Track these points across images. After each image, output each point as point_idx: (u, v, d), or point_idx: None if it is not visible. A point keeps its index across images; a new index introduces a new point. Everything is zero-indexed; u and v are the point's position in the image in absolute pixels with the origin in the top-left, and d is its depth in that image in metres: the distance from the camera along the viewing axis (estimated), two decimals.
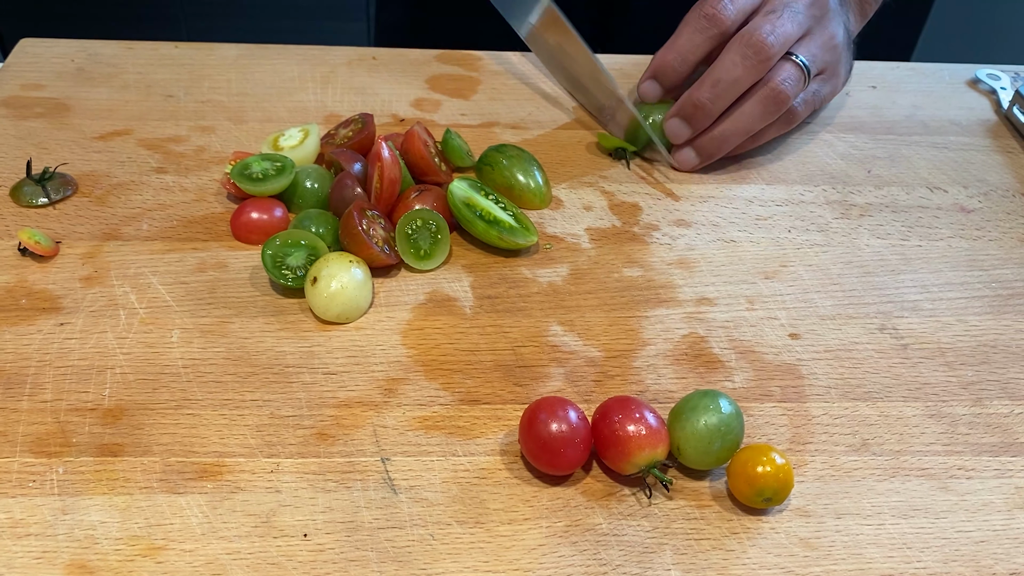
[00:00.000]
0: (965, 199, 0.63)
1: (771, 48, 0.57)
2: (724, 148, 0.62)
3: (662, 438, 0.42)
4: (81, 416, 0.44)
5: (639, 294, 0.54)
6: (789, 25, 0.58)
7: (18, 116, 0.64)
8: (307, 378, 0.47)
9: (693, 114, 0.60)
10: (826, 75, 0.63)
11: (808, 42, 0.60)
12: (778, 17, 0.59)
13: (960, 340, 0.52)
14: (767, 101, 0.59)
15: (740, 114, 0.60)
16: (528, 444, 0.43)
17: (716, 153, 0.62)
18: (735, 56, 0.58)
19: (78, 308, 0.50)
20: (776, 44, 0.58)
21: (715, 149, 0.62)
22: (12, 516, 0.40)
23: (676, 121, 0.61)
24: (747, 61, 0.58)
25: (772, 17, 0.59)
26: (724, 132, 0.61)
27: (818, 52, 0.61)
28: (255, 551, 0.39)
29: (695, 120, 0.60)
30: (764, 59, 0.58)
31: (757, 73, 0.58)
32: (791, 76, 0.59)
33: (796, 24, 0.59)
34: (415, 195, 0.55)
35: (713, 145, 0.61)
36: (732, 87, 0.59)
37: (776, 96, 0.59)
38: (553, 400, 0.43)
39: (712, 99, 0.59)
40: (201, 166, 0.61)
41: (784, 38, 0.58)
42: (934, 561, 0.41)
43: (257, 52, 0.72)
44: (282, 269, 0.51)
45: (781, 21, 0.58)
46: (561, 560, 0.40)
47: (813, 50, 0.60)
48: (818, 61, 0.61)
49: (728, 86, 0.58)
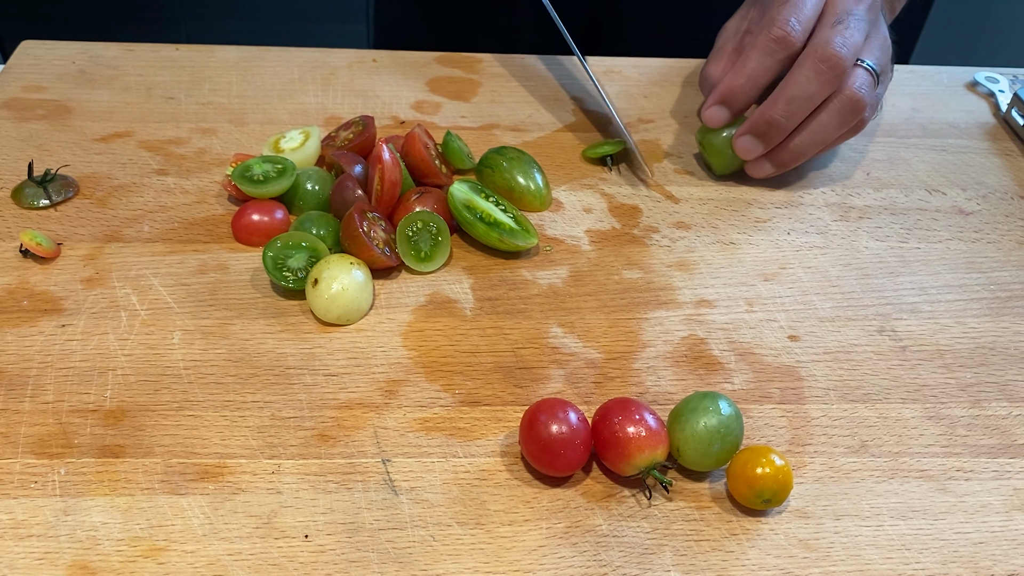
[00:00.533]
0: (964, 201, 0.63)
1: (845, 61, 0.57)
2: (801, 160, 0.61)
3: (662, 439, 0.43)
4: (83, 417, 0.44)
5: (639, 296, 0.54)
6: (857, 34, 0.58)
7: (19, 118, 0.64)
8: (308, 380, 0.47)
9: (767, 132, 0.59)
10: (884, 76, 0.63)
11: (871, 46, 0.60)
12: (846, 27, 0.58)
13: (958, 342, 0.52)
14: (843, 111, 0.58)
15: (817, 126, 0.59)
16: (528, 445, 0.43)
17: (793, 164, 0.61)
18: (809, 72, 0.57)
19: (79, 310, 0.50)
20: (848, 56, 0.57)
21: (792, 160, 0.61)
22: (14, 517, 0.40)
23: (748, 139, 0.60)
24: (821, 76, 0.57)
25: (840, 28, 0.58)
26: (801, 145, 0.60)
27: (879, 55, 0.60)
28: (256, 552, 0.40)
29: (769, 137, 0.60)
30: (839, 72, 0.57)
31: (832, 86, 0.57)
32: (865, 82, 0.58)
33: (861, 31, 0.58)
34: (415, 197, 0.56)
35: (790, 157, 0.61)
36: (807, 103, 0.58)
37: (854, 104, 0.58)
38: (553, 402, 0.44)
39: (787, 116, 0.58)
40: (202, 168, 0.61)
41: (854, 47, 0.58)
42: (932, 562, 0.41)
43: (258, 54, 0.73)
44: (283, 271, 0.51)
45: (849, 31, 0.57)
46: (561, 561, 0.40)
47: (876, 53, 0.60)
48: (881, 64, 0.60)
49: (803, 102, 0.58)
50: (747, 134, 0.60)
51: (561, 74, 0.73)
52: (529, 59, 0.74)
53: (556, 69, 0.74)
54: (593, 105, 0.70)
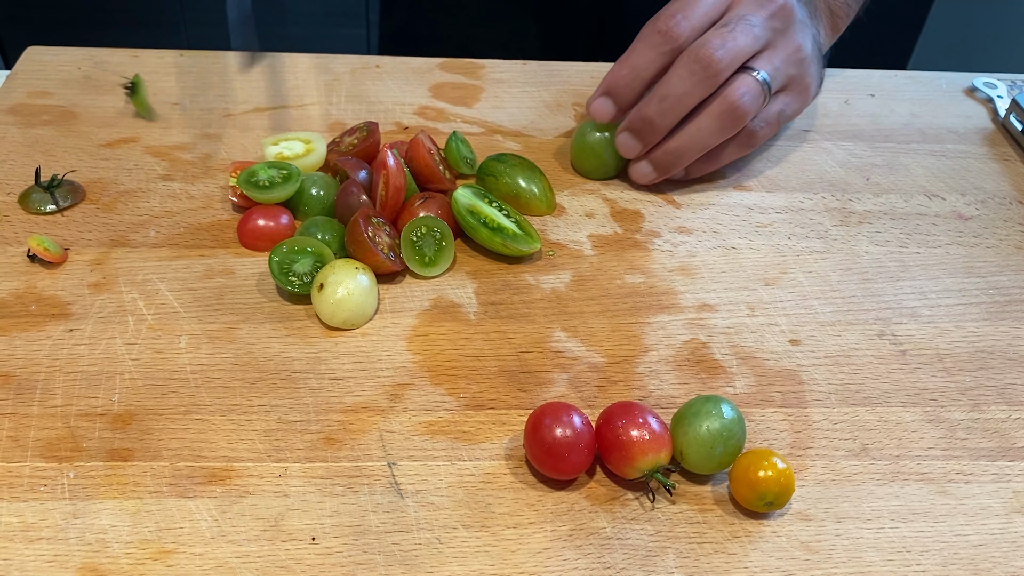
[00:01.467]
0: (963, 206, 0.64)
1: (719, 63, 0.56)
2: (680, 163, 0.60)
3: (665, 443, 0.43)
4: (91, 421, 0.45)
5: (641, 300, 0.54)
6: (742, 38, 0.56)
7: (26, 124, 0.65)
8: (314, 383, 0.48)
9: (642, 129, 0.59)
10: (792, 90, 0.61)
11: (770, 55, 0.58)
12: (730, 31, 0.57)
13: (958, 346, 0.53)
14: (723, 116, 0.57)
15: (695, 129, 0.58)
16: (533, 449, 0.43)
17: (672, 167, 0.60)
18: (682, 70, 0.56)
19: (87, 314, 0.50)
20: (725, 58, 0.56)
21: (670, 163, 0.60)
22: (24, 520, 0.41)
23: (626, 135, 0.60)
24: (694, 76, 0.56)
25: (724, 31, 0.57)
26: (679, 147, 0.59)
27: (780, 66, 0.59)
28: (264, 555, 0.40)
29: (644, 135, 0.59)
30: (712, 74, 0.56)
31: (706, 88, 0.57)
32: (749, 91, 0.57)
33: (752, 37, 0.57)
34: (419, 203, 0.56)
35: (668, 160, 0.60)
36: (679, 102, 0.57)
37: (732, 110, 0.57)
38: (557, 405, 0.44)
39: (660, 114, 0.58)
40: (207, 173, 0.61)
41: (735, 52, 0.56)
42: (933, 564, 0.42)
43: (262, 61, 0.73)
44: (289, 276, 0.52)
45: (733, 35, 0.56)
46: (566, 563, 0.41)
47: (775, 63, 0.58)
48: (780, 75, 0.59)
49: (675, 101, 0.57)
50: (625, 130, 0.60)
51: (564, 79, 0.74)
52: (531, 65, 0.75)
53: (559, 74, 0.74)
54: None
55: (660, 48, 0.57)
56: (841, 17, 0.69)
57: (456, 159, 0.61)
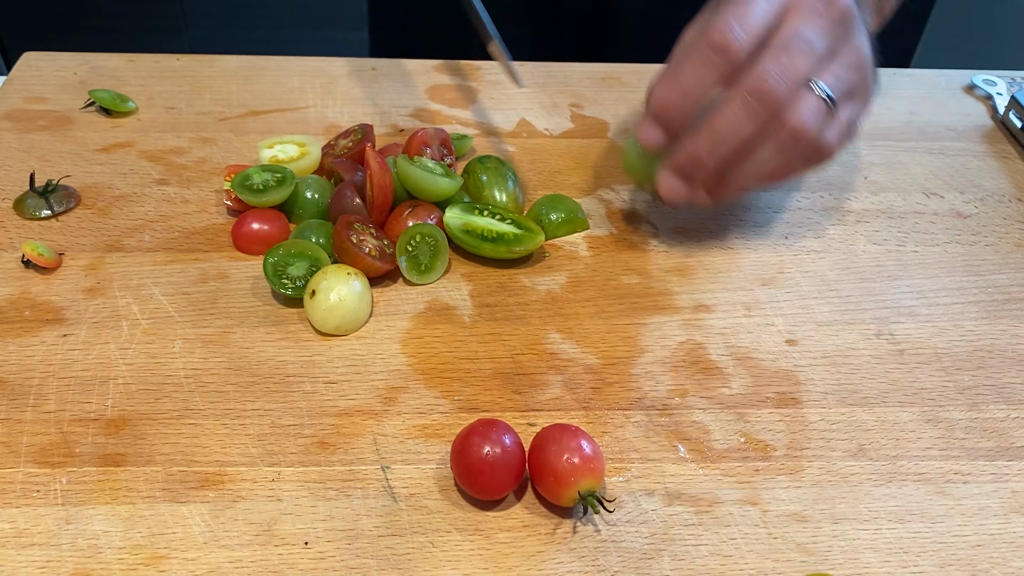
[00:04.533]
0: (961, 204, 0.64)
1: (779, 97, 0.49)
2: (738, 194, 0.55)
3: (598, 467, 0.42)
4: (84, 426, 0.45)
5: (637, 301, 0.54)
6: (802, 60, 0.50)
7: (21, 129, 0.65)
8: (308, 387, 0.48)
9: (691, 171, 0.52)
10: (857, 96, 0.54)
11: (833, 65, 0.51)
12: (788, 52, 0.50)
13: (956, 345, 0.52)
14: (785, 146, 0.51)
15: (755, 162, 0.51)
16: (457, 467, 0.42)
17: (728, 198, 0.55)
18: (737, 107, 0.50)
19: (81, 319, 0.50)
20: (786, 90, 0.49)
21: (730, 195, 0.55)
22: (16, 526, 0.41)
23: (671, 178, 0.53)
24: (751, 111, 0.49)
25: (780, 54, 0.50)
26: (739, 179, 0.53)
27: (844, 74, 0.52)
28: (257, 559, 0.40)
29: (694, 178, 0.52)
30: (771, 108, 0.49)
31: (763, 122, 0.50)
32: (812, 111, 0.50)
33: (813, 55, 0.50)
34: (408, 211, 0.56)
35: (728, 192, 0.54)
36: (733, 138, 0.50)
37: (795, 138, 0.50)
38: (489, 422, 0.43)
39: (711, 153, 0.51)
40: (202, 177, 0.61)
41: (796, 77, 0.50)
42: (931, 565, 0.41)
43: (257, 64, 0.73)
44: (282, 278, 0.51)
45: (791, 57, 0.49)
46: (560, 567, 0.40)
47: (839, 73, 0.51)
48: (844, 83, 0.52)
49: (730, 139, 0.50)
50: (671, 171, 0.53)
51: (559, 80, 0.73)
52: (527, 66, 0.75)
53: (554, 75, 0.74)
54: (591, 112, 0.70)
55: (716, 67, 0.50)
56: (885, 13, 0.64)
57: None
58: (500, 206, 0.58)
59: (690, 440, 0.46)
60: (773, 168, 0.52)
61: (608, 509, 0.42)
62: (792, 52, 0.50)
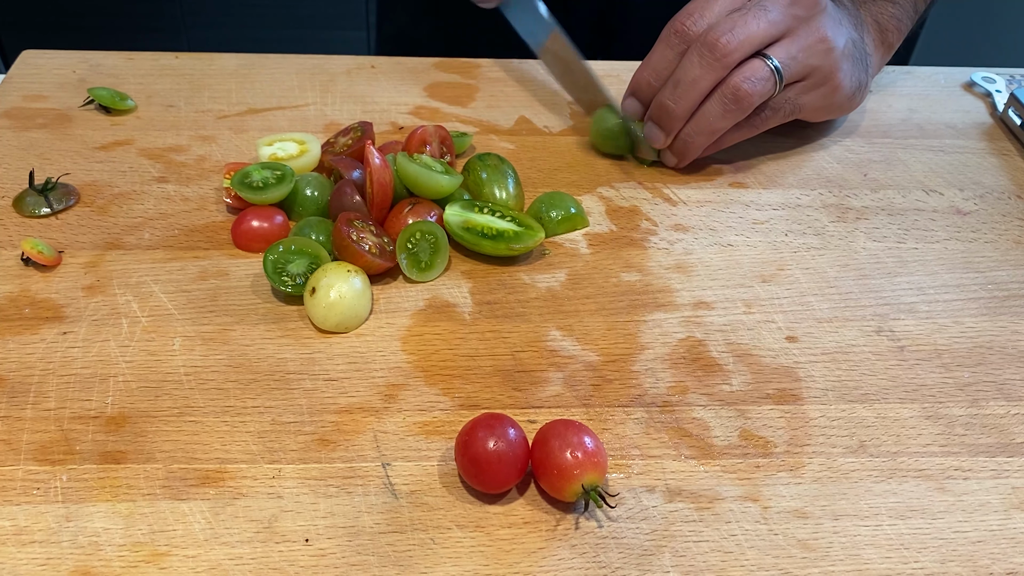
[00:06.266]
0: (961, 201, 0.64)
1: (726, 46, 0.56)
2: (693, 148, 0.61)
3: (600, 462, 0.42)
4: (84, 424, 0.45)
5: (637, 298, 0.54)
6: (754, 24, 0.57)
7: (20, 127, 0.65)
8: (308, 384, 0.47)
9: (661, 117, 0.60)
10: (811, 82, 0.61)
11: (787, 43, 0.58)
12: (742, 16, 0.57)
13: (956, 342, 0.52)
14: (727, 99, 0.58)
15: (702, 114, 0.59)
16: (461, 460, 0.42)
17: (687, 153, 0.61)
18: (693, 56, 0.57)
19: (81, 317, 0.50)
20: (733, 41, 0.56)
21: (685, 149, 0.61)
22: (17, 523, 0.40)
23: (650, 125, 0.62)
24: (703, 60, 0.57)
25: (735, 16, 0.57)
26: (689, 133, 0.60)
27: (799, 55, 0.58)
28: (257, 556, 0.40)
29: (664, 123, 0.60)
30: (720, 56, 0.56)
31: (716, 72, 0.57)
32: (755, 75, 0.57)
33: (766, 22, 0.57)
34: (408, 209, 0.56)
35: (682, 146, 0.61)
36: (691, 87, 0.58)
37: (736, 94, 0.57)
38: (492, 416, 0.43)
39: (674, 100, 0.59)
40: (202, 175, 0.61)
41: (745, 36, 0.56)
42: (931, 561, 0.41)
43: (257, 62, 0.73)
44: (282, 276, 0.51)
45: (745, 20, 0.57)
46: (561, 563, 0.40)
47: (792, 52, 0.58)
48: (798, 64, 0.59)
49: (688, 87, 0.58)
50: (649, 120, 0.62)
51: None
52: (527, 63, 0.75)
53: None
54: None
55: (678, 48, 0.59)
56: (891, 31, 0.68)
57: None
58: (500, 203, 0.58)
59: (691, 437, 0.46)
60: (714, 121, 0.59)
61: (610, 504, 0.42)
62: (746, 15, 0.57)
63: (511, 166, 0.60)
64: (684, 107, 0.59)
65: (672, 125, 0.60)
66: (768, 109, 0.61)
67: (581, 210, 0.59)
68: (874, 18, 0.68)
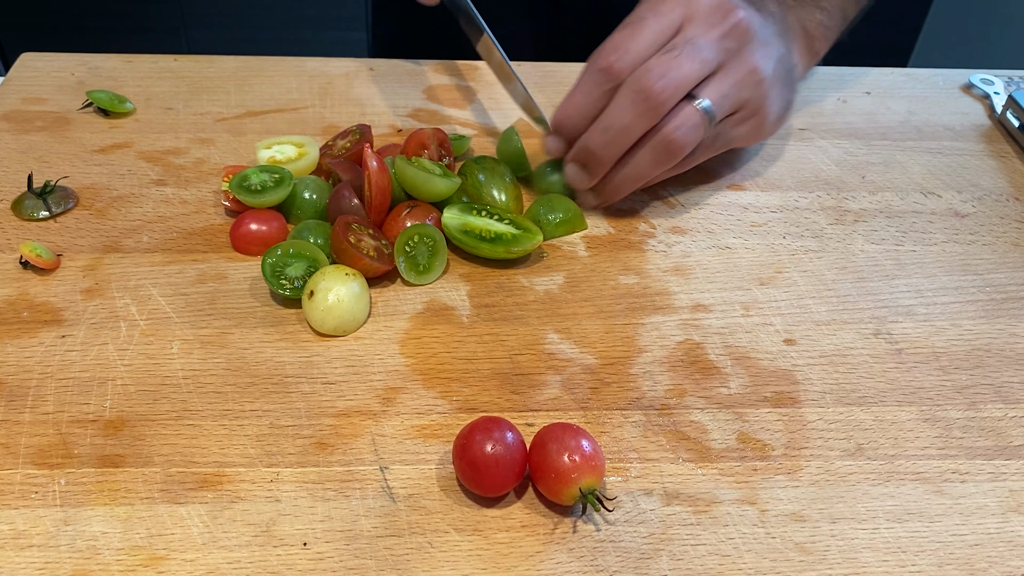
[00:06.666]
0: (959, 204, 0.64)
1: (660, 94, 0.53)
2: (620, 195, 0.59)
3: (597, 465, 0.42)
4: (83, 428, 0.45)
5: (635, 301, 0.54)
6: (688, 65, 0.54)
7: (19, 130, 0.65)
8: (306, 388, 0.48)
9: (587, 162, 0.57)
10: (741, 115, 0.58)
11: (719, 80, 0.55)
12: (675, 57, 0.54)
13: (954, 344, 0.52)
14: (659, 151, 0.55)
15: (633, 163, 0.56)
16: (459, 463, 0.42)
17: (612, 198, 0.59)
18: (624, 101, 0.54)
19: (79, 320, 0.50)
20: (667, 89, 0.53)
21: (612, 195, 0.59)
22: (15, 527, 0.41)
23: (573, 167, 0.58)
24: (636, 108, 0.54)
25: (667, 58, 0.54)
26: (618, 180, 0.58)
27: (730, 91, 0.55)
28: (255, 560, 0.40)
29: (590, 168, 0.57)
30: (654, 105, 0.53)
31: (648, 119, 0.54)
32: (688, 123, 0.54)
33: (699, 61, 0.54)
34: (406, 212, 0.56)
35: (610, 191, 0.59)
36: (622, 135, 0.55)
37: (668, 146, 0.55)
38: (490, 419, 0.43)
39: (603, 147, 0.55)
40: (200, 178, 0.61)
41: (679, 81, 0.53)
42: (929, 565, 0.41)
43: (255, 64, 0.73)
44: (281, 279, 0.52)
45: (678, 61, 0.53)
46: (558, 567, 0.40)
47: (724, 89, 0.55)
48: (729, 101, 0.56)
49: (618, 133, 0.55)
50: (572, 161, 0.58)
51: (557, 80, 0.73)
52: (525, 66, 0.75)
53: (552, 75, 0.74)
54: None
55: (603, 86, 0.55)
56: (818, 39, 0.66)
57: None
58: (498, 206, 0.58)
59: (688, 440, 0.46)
60: (645, 170, 0.57)
61: (608, 508, 0.42)
62: (679, 56, 0.54)
63: (508, 169, 0.60)
64: (612, 154, 0.56)
65: (598, 171, 0.57)
66: (699, 148, 0.58)
67: (579, 213, 0.59)
68: (802, 25, 0.65)
